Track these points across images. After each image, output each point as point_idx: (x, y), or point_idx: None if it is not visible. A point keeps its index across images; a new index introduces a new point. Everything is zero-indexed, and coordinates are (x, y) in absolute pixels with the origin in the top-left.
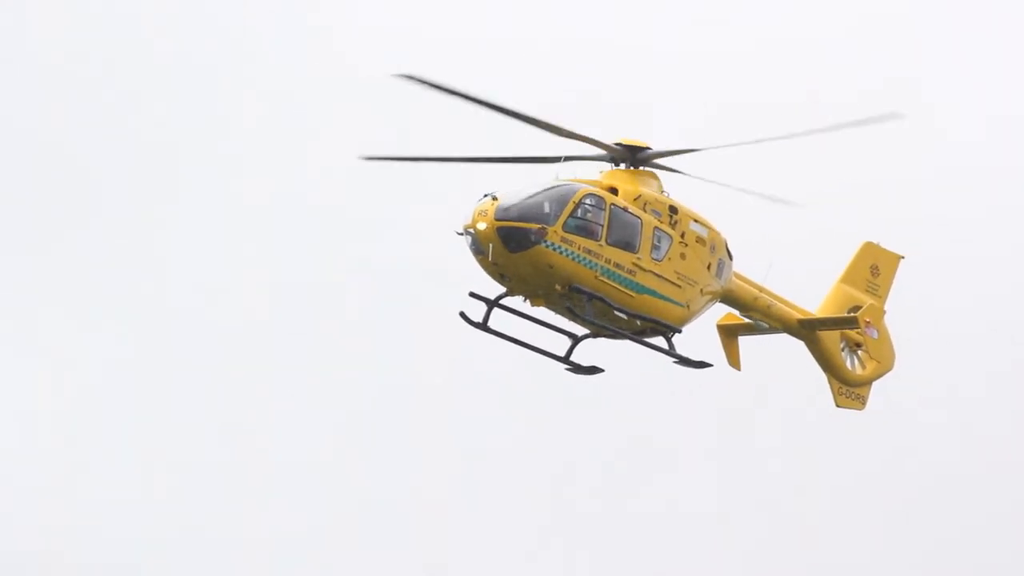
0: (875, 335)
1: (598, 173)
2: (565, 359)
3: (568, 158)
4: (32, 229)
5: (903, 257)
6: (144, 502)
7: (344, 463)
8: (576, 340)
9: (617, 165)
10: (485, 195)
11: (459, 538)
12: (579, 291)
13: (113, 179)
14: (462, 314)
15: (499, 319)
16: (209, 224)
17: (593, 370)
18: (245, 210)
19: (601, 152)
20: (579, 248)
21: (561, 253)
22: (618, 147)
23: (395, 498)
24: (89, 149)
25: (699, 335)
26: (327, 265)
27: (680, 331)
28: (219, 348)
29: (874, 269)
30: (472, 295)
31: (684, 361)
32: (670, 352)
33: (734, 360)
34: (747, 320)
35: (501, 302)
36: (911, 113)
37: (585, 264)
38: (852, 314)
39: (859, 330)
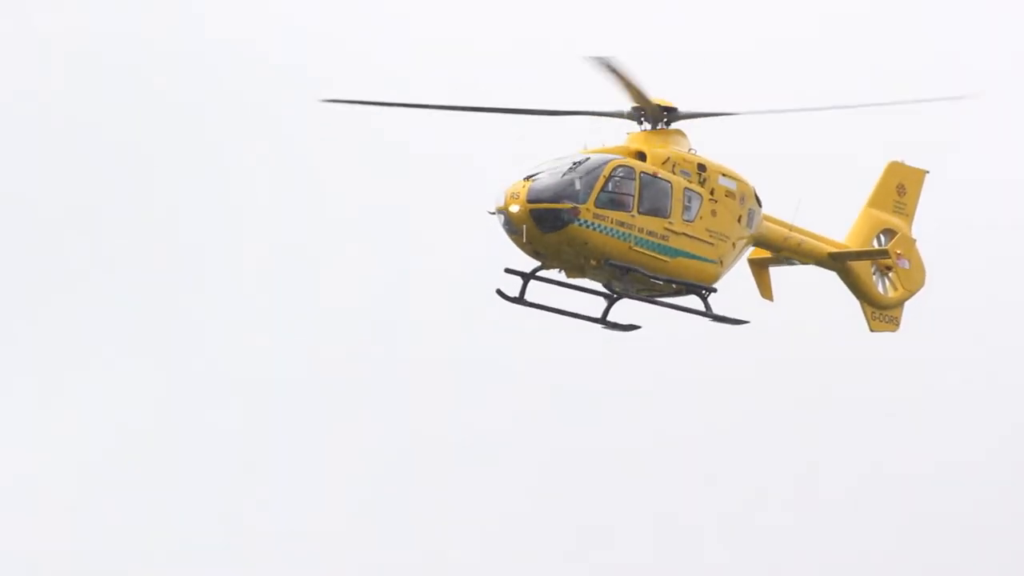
0: (906, 266)
1: (624, 135)
2: (602, 319)
3: (592, 113)
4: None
5: (928, 172)
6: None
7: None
8: (612, 300)
9: (641, 124)
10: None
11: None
12: (614, 265)
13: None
14: (499, 291)
15: (534, 290)
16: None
17: (631, 327)
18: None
19: (628, 111)
20: (612, 222)
21: (595, 229)
22: (635, 110)
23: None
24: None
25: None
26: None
27: (715, 290)
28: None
29: (900, 188)
30: (508, 271)
31: (721, 319)
32: (706, 313)
33: (766, 292)
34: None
35: (537, 274)
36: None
37: (619, 237)
38: (883, 247)
39: (891, 261)
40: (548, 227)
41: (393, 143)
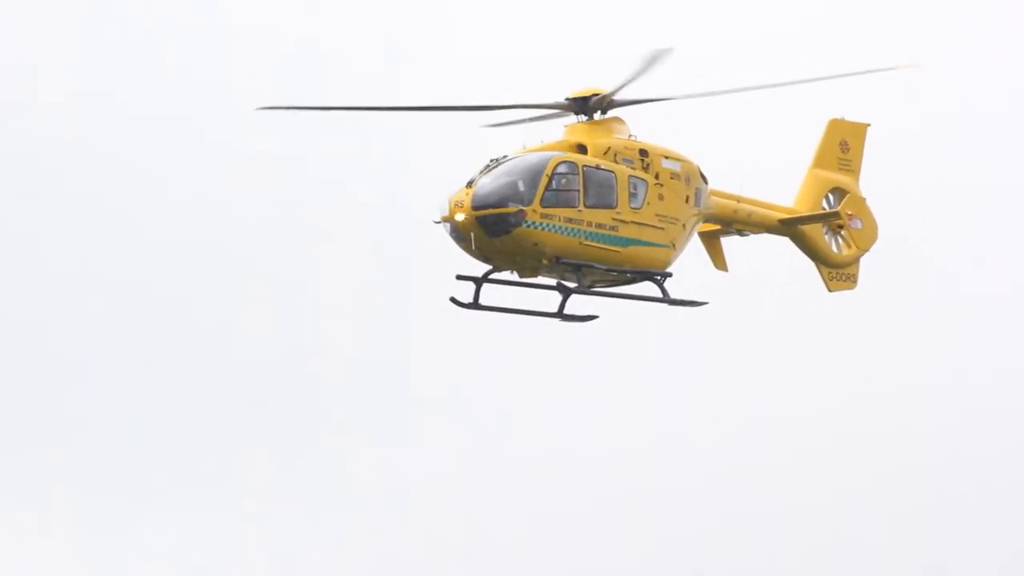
0: (859, 225)
1: (562, 128)
2: (559, 314)
3: (528, 114)
4: None
5: (869, 124)
6: None
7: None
8: (567, 294)
9: (579, 116)
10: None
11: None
12: (566, 263)
13: None
14: (453, 299)
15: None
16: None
17: (588, 318)
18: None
19: (556, 111)
20: (560, 219)
21: (543, 229)
22: (569, 102)
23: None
24: None
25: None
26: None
27: (671, 274)
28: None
29: (843, 145)
30: (459, 277)
31: (679, 302)
32: (663, 298)
33: (720, 262)
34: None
35: (489, 277)
36: None
37: (569, 233)
38: (834, 209)
39: (843, 222)
40: (496, 232)
41: (329, 151)
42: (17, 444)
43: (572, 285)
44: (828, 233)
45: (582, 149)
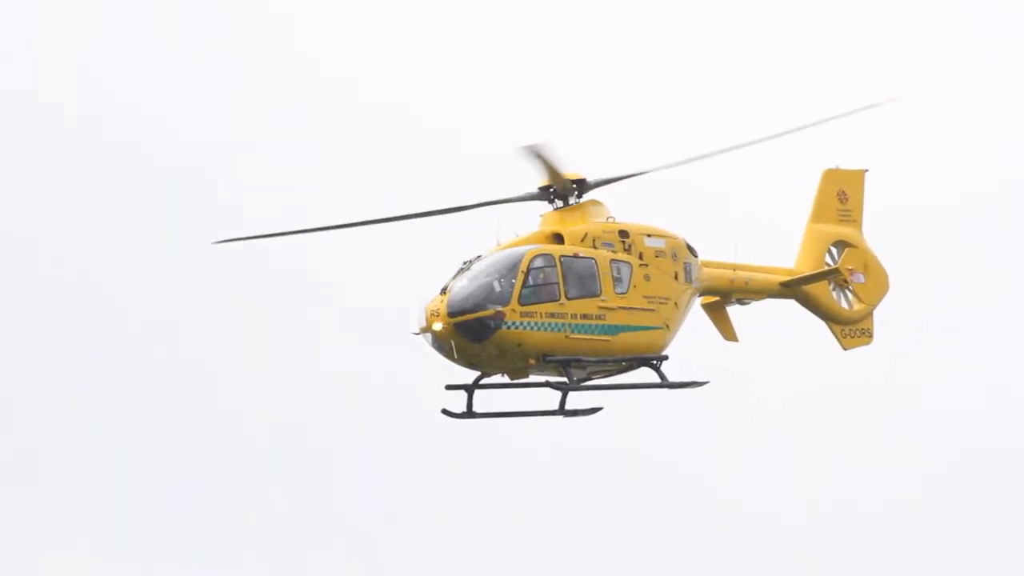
0: (862, 280)
1: (538, 217)
2: (561, 411)
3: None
4: None
5: (867, 170)
6: None
7: None
8: (568, 390)
9: (553, 203)
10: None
11: None
12: (553, 360)
13: None
14: (444, 411)
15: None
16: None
17: (592, 411)
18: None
19: (536, 192)
20: (542, 316)
21: (525, 328)
22: (541, 191)
23: None
24: None
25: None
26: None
27: (667, 357)
28: None
29: (841, 195)
30: (449, 387)
31: (679, 385)
32: (662, 383)
33: (728, 333)
34: None
35: (480, 383)
36: None
37: (553, 329)
38: (835, 266)
39: (847, 280)
40: (476, 337)
41: (296, 272)
42: None
43: (565, 381)
44: (835, 290)
45: (558, 238)
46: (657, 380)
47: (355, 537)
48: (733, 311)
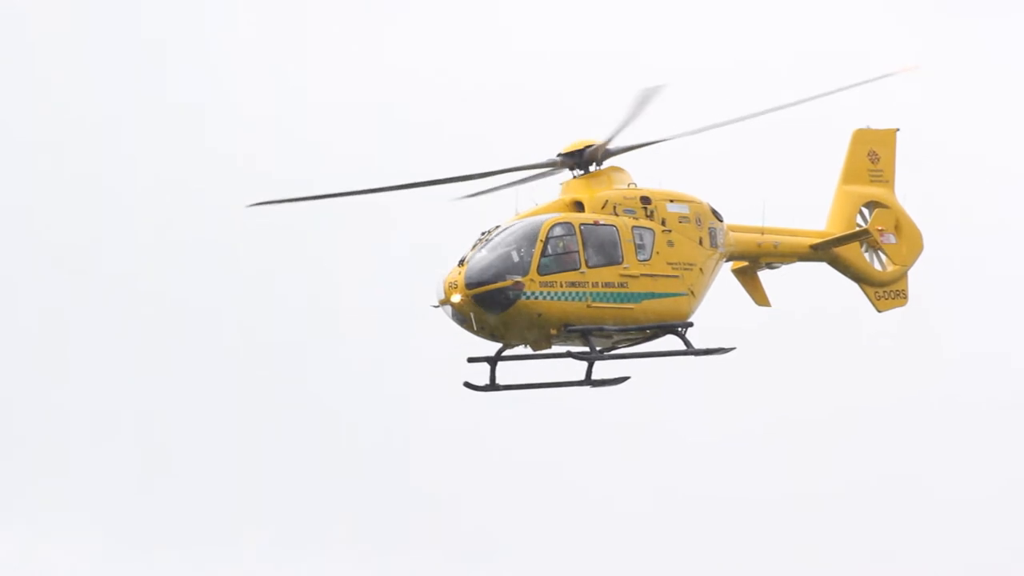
0: (893, 240)
1: (558, 185)
2: (587, 381)
3: (516, 182)
4: None
5: (898, 130)
6: None
7: None
8: (591, 360)
9: (573, 171)
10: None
11: None
12: (575, 329)
13: None
14: (467, 383)
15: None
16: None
17: (618, 380)
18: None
19: (549, 168)
20: (562, 285)
21: (546, 298)
22: (561, 158)
23: None
24: None
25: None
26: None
27: (692, 324)
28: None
29: (872, 155)
30: (471, 360)
31: (705, 352)
32: (687, 350)
33: (761, 298)
34: None
35: (503, 355)
36: None
37: (574, 298)
38: (864, 227)
39: (874, 239)
40: (496, 309)
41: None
42: None
43: (589, 351)
44: (868, 251)
45: (579, 206)
46: (682, 347)
47: (377, 515)
48: (765, 275)
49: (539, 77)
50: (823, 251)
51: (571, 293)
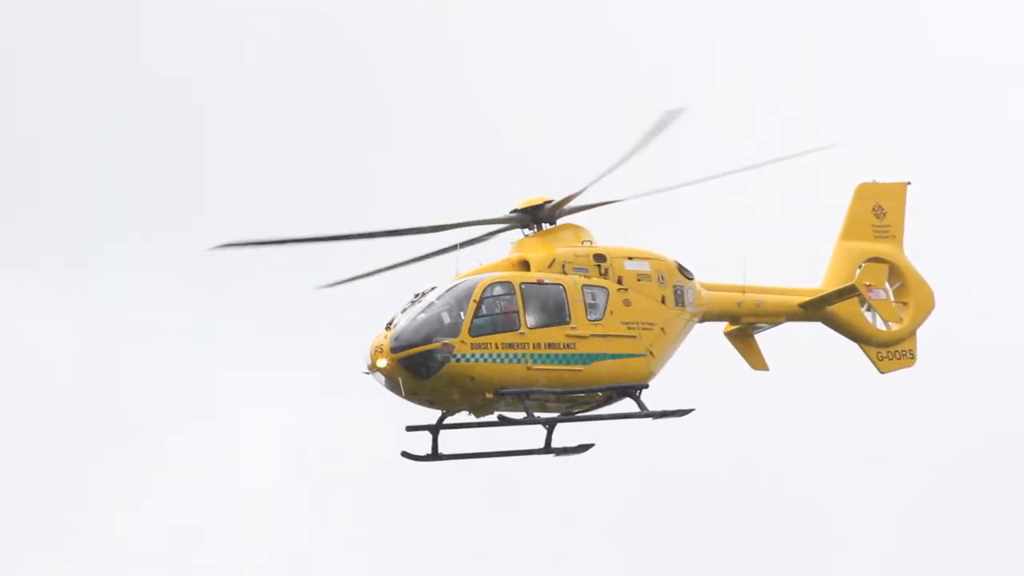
0: (882, 296)
1: (509, 245)
2: (547, 448)
3: (466, 243)
4: None
5: (909, 183)
6: None
7: None
8: (551, 424)
9: (526, 230)
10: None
11: None
12: (509, 393)
13: None
14: (404, 453)
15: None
16: None
17: (582, 448)
18: None
19: (505, 225)
20: (497, 347)
21: (478, 360)
22: (516, 214)
23: None
24: None
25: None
26: None
27: (647, 386)
28: None
29: (878, 210)
30: (409, 428)
31: (662, 414)
32: (642, 412)
33: (757, 362)
34: None
35: (445, 423)
36: None
37: (510, 360)
38: (849, 283)
39: (864, 298)
40: (424, 373)
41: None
42: None
43: (526, 415)
44: (869, 310)
45: (526, 266)
46: (637, 410)
47: None
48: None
49: (501, 127)
50: (814, 310)
51: (508, 355)
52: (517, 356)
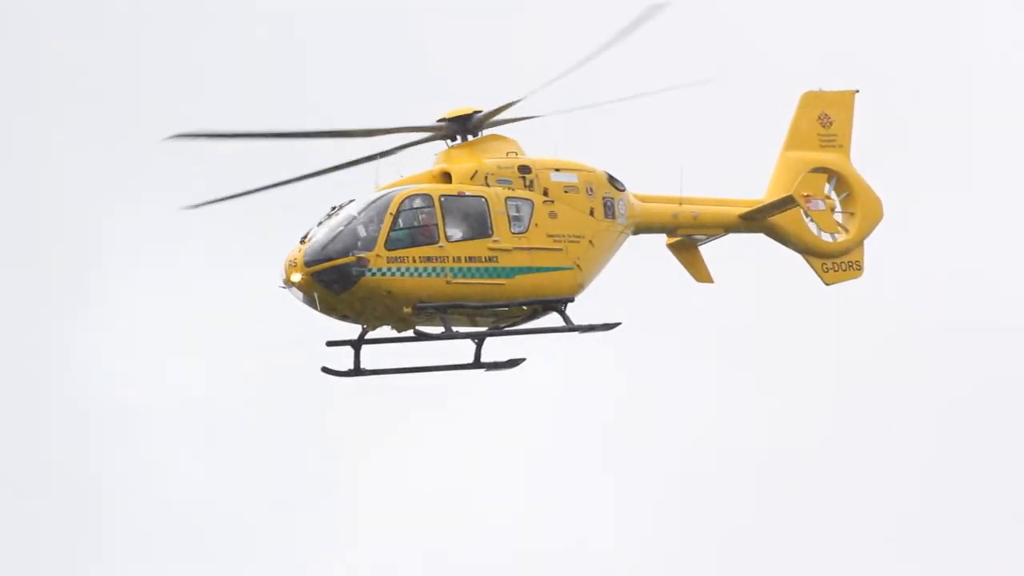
0: (822, 206)
1: (433, 156)
2: (476, 363)
3: (386, 153)
4: None
5: (857, 91)
6: None
7: None
8: (480, 339)
9: (452, 141)
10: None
11: None
12: (427, 307)
13: None
14: (325, 368)
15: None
16: None
17: (513, 363)
18: None
19: (430, 134)
20: (415, 260)
21: (394, 275)
22: (443, 123)
23: None
24: None
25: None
26: None
27: (572, 299)
28: None
29: (824, 119)
30: (330, 343)
31: (588, 328)
32: (568, 327)
33: (702, 274)
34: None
35: (367, 338)
36: None
37: (429, 274)
38: (788, 194)
39: (802, 208)
40: (339, 287)
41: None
42: None
43: (445, 330)
44: (813, 220)
45: (448, 178)
46: (562, 324)
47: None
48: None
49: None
50: (755, 221)
51: (426, 269)
52: (436, 270)
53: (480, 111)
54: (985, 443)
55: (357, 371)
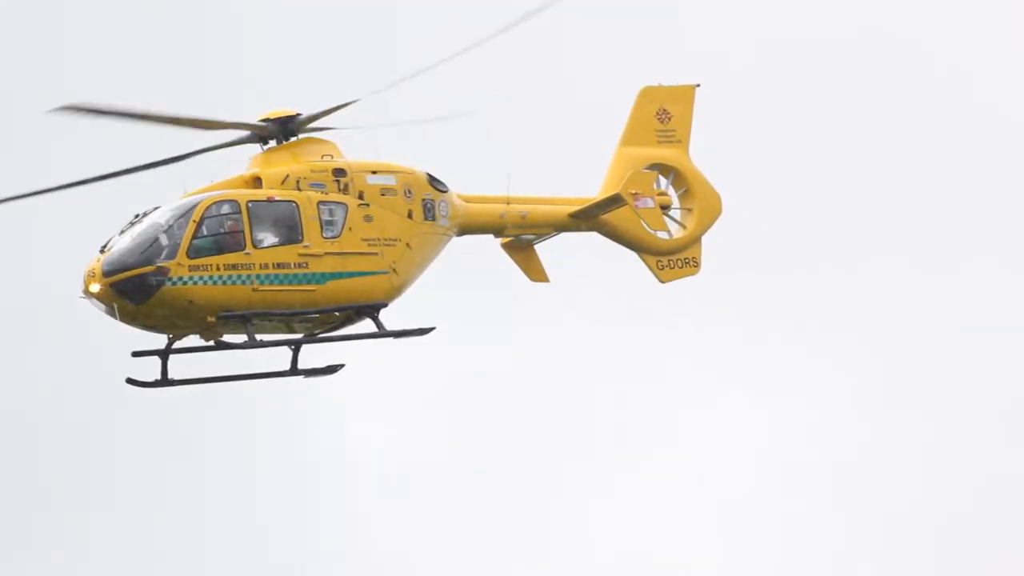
0: (650, 204)
1: (248, 160)
2: (293, 370)
3: (196, 152)
4: None
5: (698, 86)
6: None
7: None
8: (296, 345)
9: (266, 144)
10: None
11: None
12: (232, 315)
13: None
14: (130, 380)
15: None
16: None
17: (331, 369)
18: None
19: (247, 134)
20: (219, 268)
21: (196, 283)
22: (264, 123)
23: None
24: None
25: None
26: None
27: (385, 305)
28: None
29: (662, 114)
30: (136, 353)
31: (401, 333)
32: (381, 333)
33: (537, 274)
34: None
35: (175, 347)
36: None
37: (234, 282)
38: (615, 192)
39: (630, 206)
40: (138, 297)
41: None
42: None
43: (248, 339)
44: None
45: (259, 182)
46: (375, 330)
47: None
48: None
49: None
50: (586, 219)
51: (231, 276)
52: (241, 277)
53: (301, 114)
54: None
55: (165, 381)
